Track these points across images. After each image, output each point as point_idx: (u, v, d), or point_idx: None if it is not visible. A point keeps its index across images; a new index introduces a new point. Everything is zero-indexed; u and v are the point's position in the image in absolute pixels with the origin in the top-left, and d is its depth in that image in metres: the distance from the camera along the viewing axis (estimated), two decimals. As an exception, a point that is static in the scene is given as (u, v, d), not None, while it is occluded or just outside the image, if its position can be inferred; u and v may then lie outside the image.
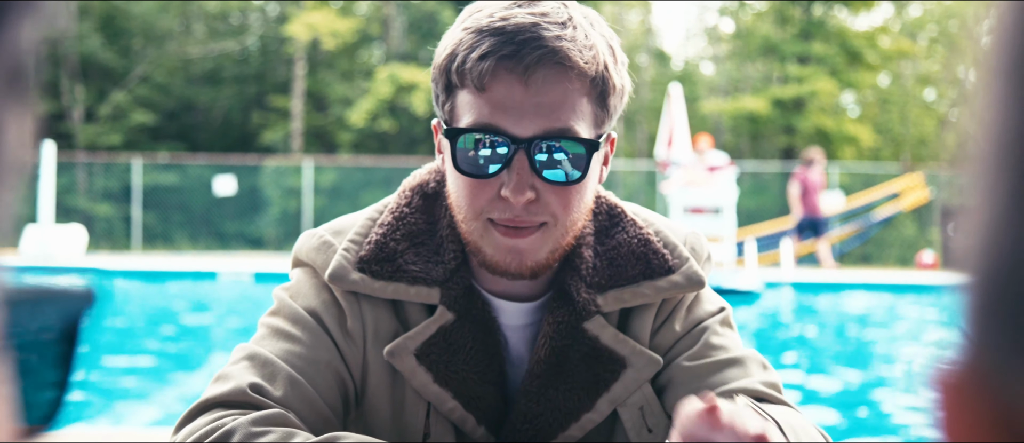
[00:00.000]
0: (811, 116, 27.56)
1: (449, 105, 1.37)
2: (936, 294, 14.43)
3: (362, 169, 25.11)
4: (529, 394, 1.44)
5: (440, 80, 1.37)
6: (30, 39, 0.36)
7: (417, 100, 25.37)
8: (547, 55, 1.29)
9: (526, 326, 1.48)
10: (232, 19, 31.22)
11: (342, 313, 1.45)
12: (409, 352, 1.42)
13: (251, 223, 25.14)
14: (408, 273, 1.43)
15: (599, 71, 1.33)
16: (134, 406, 6.66)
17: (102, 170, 25.16)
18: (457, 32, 1.35)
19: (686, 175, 14.72)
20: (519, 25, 1.29)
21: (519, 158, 1.31)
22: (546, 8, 1.33)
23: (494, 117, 1.31)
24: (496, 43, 1.29)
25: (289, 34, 27.05)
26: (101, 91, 27.47)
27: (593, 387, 1.45)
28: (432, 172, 1.54)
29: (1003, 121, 0.34)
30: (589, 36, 1.33)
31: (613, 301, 1.46)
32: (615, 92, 1.37)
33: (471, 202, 1.36)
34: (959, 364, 0.36)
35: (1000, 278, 0.33)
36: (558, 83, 1.30)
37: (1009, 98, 0.34)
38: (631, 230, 1.50)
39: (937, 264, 20.18)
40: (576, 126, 1.32)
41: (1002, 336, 0.34)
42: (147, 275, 16.12)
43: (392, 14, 29.34)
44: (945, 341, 0.35)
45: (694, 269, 1.49)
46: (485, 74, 1.29)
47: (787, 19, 28.88)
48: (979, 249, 0.35)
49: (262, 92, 29.48)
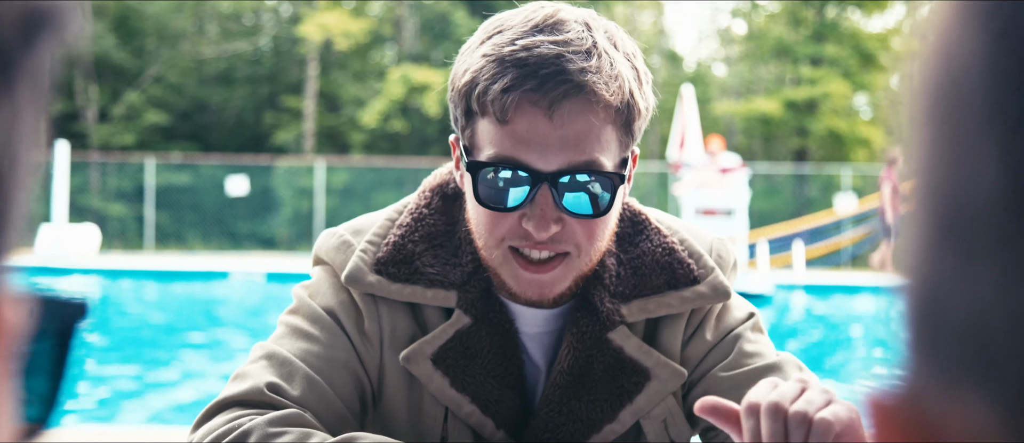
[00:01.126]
0: (824, 118, 27.48)
1: (469, 131, 1.34)
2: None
3: (374, 169, 25.14)
4: (551, 404, 1.43)
5: (460, 105, 1.34)
6: (55, 47, 0.37)
7: (429, 101, 25.39)
8: (573, 90, 1.26)
9: (545, 333, 1.47)
10: (245, 19, 31.29)
11: (360, 314, 1.44)
12: (425, 357, 1.41)
13: (263, 223, 25.19)
14: (425, 276, 1.42)
15: (625, 100, 1.30)
16: (142, 405, 6.68)
17: (115, 170, 25.25)
18: (476, 57, 1.31)
19: (698, 177, 14.69)
20: (542, 57, 1.26)
21: (543, 192, 1.29)
22: (569, 35, 1.29)
23: (516, 150, 1.28)
24: (519, 76, 1.26)
25: (302, 35, 27.10)
26: (115, 91, 27.57)
27: (616, 398, 1.43)
28: (451, 173, 1.52)
29: (926, 160, 0.36)
30: (614, 64, 1.29)
31: (637, 311, 1.44)
32: (640, 116, 1.34)
33: (492, 232, 1.34)
34: (892, 387, 0.38)
35: (930, 306, 0.35)
36: (583, 116, 1.27)
37: (930, 139, 0.35)
38: (655, 238, 1.48)
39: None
40: (601, 157, 1.30)
41: (932, 363, 0.35)
42: (160, 275, 16.17)
43: (405, 15, 29.36)
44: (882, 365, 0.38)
45: (720, 280, 1.48)
46: (508, 107, 1.26)
47: (800, 21, 28.81)
48: (907, 278, 0.37)
49: (275, 92, 29.54)
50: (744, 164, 16.20)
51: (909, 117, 0.37)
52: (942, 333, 0.35)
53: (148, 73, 27.97)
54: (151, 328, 10.71)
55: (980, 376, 0.33)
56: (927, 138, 0.36)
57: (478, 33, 1.36)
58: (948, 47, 0.35)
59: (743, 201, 14.64)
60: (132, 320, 11.11)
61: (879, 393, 0.38)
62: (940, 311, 0.35)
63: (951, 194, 0.34)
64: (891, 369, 0.38)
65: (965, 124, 0.34)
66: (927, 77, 0.36)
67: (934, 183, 0.35)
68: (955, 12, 0.35)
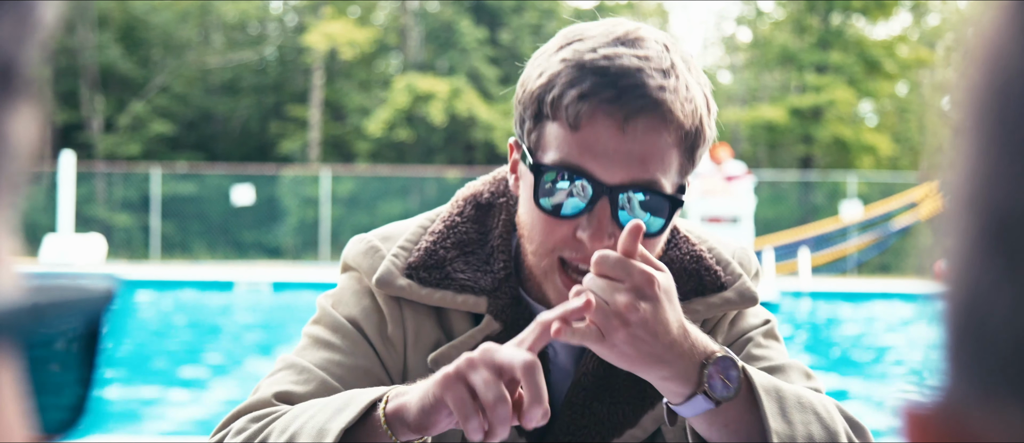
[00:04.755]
0: (829, 125, 27.47)
1: (536, 134, 1.33)
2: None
3: (379, 178, 25.16)
4: (574, 406, 1.43)
5: (530, 107, 1.33)
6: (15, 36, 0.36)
7: (434, 110, 25.39)
8: (649, 106, 1.26)
9: None
10: (250, 29, 31.35)
11: (383, 319, 1.45)
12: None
13: (269, 232, 25.21)
14: (456, 281, 1.43)
15: (695, 124, 1.30)
16: (148, 416, 6.68)
17: (121, 180, 25.30)
18: (554, 61, 1.31)
19: (704, 185, 14.69)
20: (623, 68, 1.26)
21: (602, 204, 1.29)
22: (650, 52, 1.29)
23: (583, 158, 1.28)
24: (598, 84, 1.26)
25: (307, 44, 27.14)
26: (120, 101, 27.64)
27: (639, 403, 1.44)
28: (486, 183, 1.52)
29: (971, 167, 0.35)
30: (690, 87, 1.30)
31: None
32: (705, 144, 1.35)
33: (545, 239, 1.34)
34: (928, 400, 0.37)
35: (967, 319, 0.35)
36: (654, 134, 1.27)
37: (976, 146, 0.35)
38: (684, 247, 1.49)
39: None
40: (663, 178, 1.30)
41: (968, 374, 0.35)
42: (165, 284, 16.19)
43: (409, 24, 29.40)
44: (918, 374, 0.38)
45: (747, 285, 1.48)
46: (582, 114, 1.26)
47: (805, 28, 28.81)
48: (949, 289, 0.36)
49: (280, 102, 29.59)
50: (749, 172, 16.20)
51: (955, 123, 0.36)
52: (983, 342, 0.34)
53: (154, 83, 28.03)
54: (157, 338, 10.72)
55: (1021, 386, 0.33)
56: (973, 145, 0.35)
57: (556, 39, 1.35)
58: (996, 53, 0.35)
59: (749, 209, 14.63)
60: (138, 330, 11.12)
61: (914, 402, 0.37)
62: (982, 320, 0.34)
63: (997, 202, 0.34)
64: (927, 378, 0.38)
65: (1013, 131, 0.33)
66: (974, 83, 0.36)
67: (980, 190, 0.35)
68: (1003, 17, 0.35)
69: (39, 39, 0.38)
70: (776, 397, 1.27)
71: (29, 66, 0.37)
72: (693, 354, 1.22)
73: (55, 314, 0.40)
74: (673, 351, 1.20)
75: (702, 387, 1.23)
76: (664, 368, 1.21)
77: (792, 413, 1.27)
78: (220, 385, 7.73)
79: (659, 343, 1.19)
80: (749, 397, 1.26)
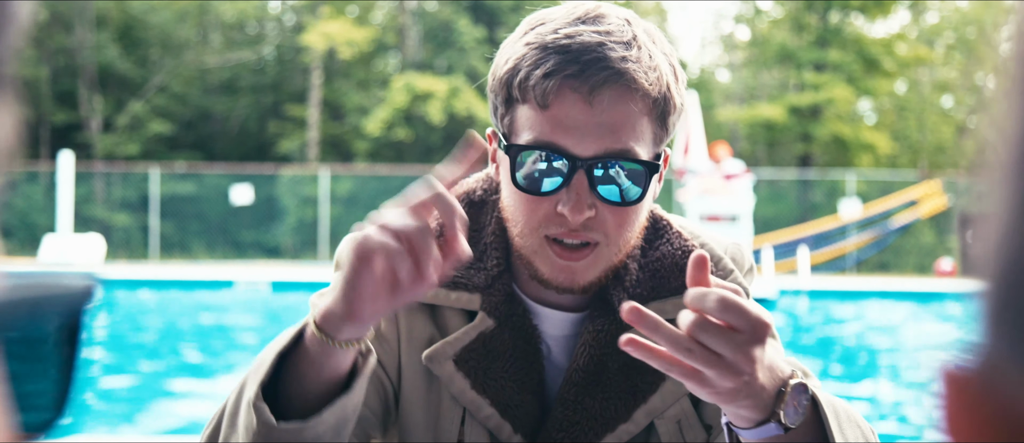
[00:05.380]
0: (828, 123, 27.48)
1: (508, 119, 1.36)
2: (954, 302, 14.35)
3: (378, 178, 25.16)
4: (566, 401, 1.44)
5: (500, 93, 1.36)
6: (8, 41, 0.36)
7: (433, 109, 25.40)
8: (613, 76, 1.28)
9: (569, 337, 1.48)
10: (249, 29, 31.36)
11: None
12: (448, 357, 1.42)
13: (268, 232, 25.22)
14: (449, 278, 1.43)
15: (662, 92, 1.32)
16: (146, 415, 6.68)
17: (120, 180, 25.29)
18: (519, 46, 1.34)
19: (703, 183, 14.69)
20: (585, 44, 1.29)
21: (578, 177, 1.31)
22: (611, 26, 1.32)
23: (555, 135, 1.30)
24: (561, 61, 1.29)
25: (305, 43, 27.15)
26: (119, 101, 27.63)
27: (631, 397, 1.44)
28: (479, 181, 1.53)
29: (1018, 138, 0.36)
30: (653, 56, 1.32)
31: (655, 312, 1.45)
32: (675, 111, 1.37)
33: (528, 218, 1.36)
34: (967, 363, 0.37)
35: (1010, 283, 0.35)
36: (622, 104, 1.30)
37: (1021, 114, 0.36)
38: (676, 242, 1.50)
39: (955, 272, 20.07)
40: (636, 147, 1.32)
41: (1009, 338, 0.35)
42: (164, 284, 16.18)
43: (408, 23, 29.41)
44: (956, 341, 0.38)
45: (739, 280, 1.49)
46: (549, 92, 1.29)
47: (803, 26, 28.82)
48: (992, 254, 0.37)
49: (278, 101, 29.59)
50: (748, 170, 16.20)
51: (1005, 96, 0.36)
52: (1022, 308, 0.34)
53: (152, 83, 28.02)
54: (155, 337, 10.72)
55: None
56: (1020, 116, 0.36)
57: (521, 26, 1.39)
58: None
59: (747, 207, 14.64)
60: (137, 330, 11.12)
61: (953, 365, 0.38)
62: (1022, 286, 0.35)
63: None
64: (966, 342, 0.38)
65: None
66: None
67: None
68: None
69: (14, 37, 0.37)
70: (834, 413, 1.25)
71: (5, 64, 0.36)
72: (772, 382, 1.18)
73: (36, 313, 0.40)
74: (755, 385, 1.17)
75: (776, 416, 1.19)
76: (747, 401, 1.17)
77: (846, 428, 1.27)
78: (218, 384, 7.74)
79: (756, 381, 1.16)
80: (813, 416, 1.24)
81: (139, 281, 16.17)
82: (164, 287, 15.95)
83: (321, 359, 1.20)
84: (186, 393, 7.35)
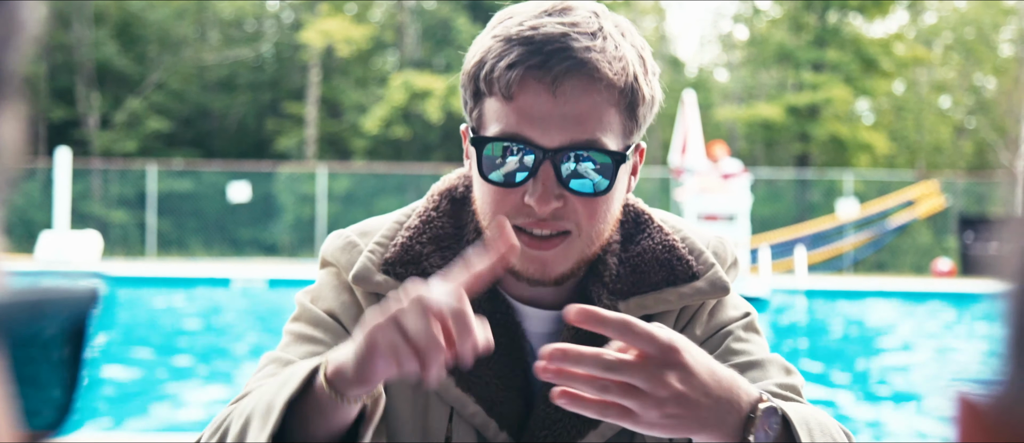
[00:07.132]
0: (826, 123, 27.50)
1: (477, 112, 1.37)
2: (950, 302, 14.36)
3: (376, 176, 25.15)
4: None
5: (468, 86, 1.37)
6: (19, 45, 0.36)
7: (431, 107, 25.39)
8: (575, 66, 1.28)
9: (551, 334, 1.48)
10: (247, 26, 31.34)
11: (361, 313, 1.46)
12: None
13: (265, 229, 25.20)
14: (432, 276, 1.42)
15: (628, 82, 1.32)
16: (144, 412, 6.68)
17: (117, 177, 25.27)
18: (486, 39, 1.36)
19: (700, 182, 14.70)
20: (548, 35, 1.30)
21: (545, 168, 1.31)
22: (577, 18, 1.32)
23: (521, 126, 1.31)
24: (525, 52, 1.29)
25: (304, 41, 27.14)
26: (116, 98, 27.61)
27: None
28: (461, 177, 1.54)
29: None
30: (619, 46, 1.32)
31: (636, 308, 1.45)
32: (644, 102, 1.36)
33: (496, 209, 1.36)
34: (984, 387, 0.37)
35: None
36: (586, 94, 1.30)
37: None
38: (657, 236, 1.50)
39: (952, 272, 20.09)
40: (603, 137, 1.32)
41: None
42: (162, 281, 16.17)
43: (406, 21, 29.40)
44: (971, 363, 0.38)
45: (719, 275, 1.48)
46: (513, 83, 1.30)
47: (802, 26, 28.83)
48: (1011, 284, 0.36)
49: (277, 99, 29.57)
50: (746, 169, 16.20)
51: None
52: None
53: (150, 80, 28.00)
54: (153, 335, 10.71)
55: None
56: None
57: (490, 22, 1.40)
58: None
59: (745, 206, 14.64)
60: (134, 327, 11.11)
61: (969, 393, 0.37)
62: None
63: None
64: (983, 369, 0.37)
65: None
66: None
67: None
68: None
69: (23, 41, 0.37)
70: (807, 430, 1.25)
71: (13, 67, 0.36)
72: (738, 408, 1.19)
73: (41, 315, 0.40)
74: (717, 412, 1.17)
75: (747, 440, 1.20)
76: (710, 431, 1.17)
77: (817, 438, 1.27)
78: (216, 382, 7.73)
79: (701, 409, 1.16)
80: (784, 433, 1.24)
81: (136, 278, 16.17)
82: (161, 284, 15.94)
83: (329, 409, 1.22)
84: (182, 391, 7.35)
